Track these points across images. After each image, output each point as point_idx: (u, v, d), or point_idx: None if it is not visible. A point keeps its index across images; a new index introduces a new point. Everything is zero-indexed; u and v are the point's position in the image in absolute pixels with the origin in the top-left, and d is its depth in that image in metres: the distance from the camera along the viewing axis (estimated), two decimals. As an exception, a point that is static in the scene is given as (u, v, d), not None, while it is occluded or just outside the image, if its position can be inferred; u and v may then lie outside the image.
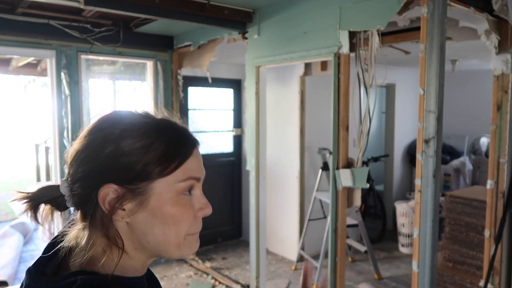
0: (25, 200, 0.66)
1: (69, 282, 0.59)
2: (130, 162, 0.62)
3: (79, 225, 0.68)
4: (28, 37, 3.22)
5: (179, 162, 0.65)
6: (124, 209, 0.63)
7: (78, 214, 0.69)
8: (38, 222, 0.67)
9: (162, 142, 0.64)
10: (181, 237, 0.67)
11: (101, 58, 3.91)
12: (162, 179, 0.64)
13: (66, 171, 0.68)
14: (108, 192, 0.62)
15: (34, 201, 0.66)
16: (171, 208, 0.65)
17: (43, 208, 0.68)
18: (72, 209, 0.70)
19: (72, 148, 0.67)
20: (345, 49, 2.46)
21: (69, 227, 0.71)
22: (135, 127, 0.65)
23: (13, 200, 0.66)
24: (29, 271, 0.65)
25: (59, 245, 0.68)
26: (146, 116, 0.68)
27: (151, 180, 0.63)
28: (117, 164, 0.63)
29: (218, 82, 4.77)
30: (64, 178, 0.68)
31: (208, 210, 0.70)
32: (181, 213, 0.66)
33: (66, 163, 0.68)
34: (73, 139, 0.72)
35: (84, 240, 0.65)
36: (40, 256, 0.69)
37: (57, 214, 0.70)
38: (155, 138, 0.64)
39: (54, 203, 0.68)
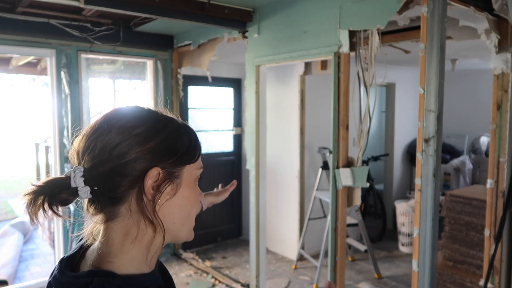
0: (31, 196, 0.64)
1: (86, 282, 0.62)
2: (170, 150, 0.69)
3: (95, 219, 0.70)
4: (28, 36, 3.21)
5: (200, 151, 0.75)
6: (161, 193, 0.69)
7: (92, 208, 0.69)
8: (37, 219, 0.65)
9: (188, 134, 0.74)
10: (193, 220, 0.76)
11: (101, 57, 3.91)
12: (189, 165, 0.73)
13: (82, 161, 0.67)
14: (154, 175, 0.67)
15: (39, 194, 0.64)
16: (192, 192, 0.74)
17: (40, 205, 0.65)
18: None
19: (100, 140, 0.67)
20: (345, 48, 2.46)
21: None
22: (166, 121, 0.72)
23: (25, 195, 0.64)
24: (60, 262, 0.69)
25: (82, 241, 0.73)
26: (160, 112, 0.75)
27: (183, 166, 0.72)
28: (157, 152, 0.68)
29: (218, 81, 4.76)
30: (77, 169, 0.66)
31: (203, 196, 0.83)
32: (196, 197, 0.75)
33: (85, 151, 0.67)
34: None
35: (100, 235, 0.69)
36: (72, 250, 0.73)
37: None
38: (183, 131, 0.73)
39: (57, 198, 0.66)
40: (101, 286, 0.61)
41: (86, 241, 0.72)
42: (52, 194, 0.65)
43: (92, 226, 0.72)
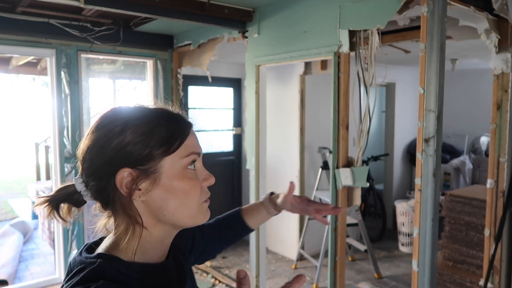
0: (46, 204, 0.75)
1: (91, 261, 0.69)
2: (138, 148, 0.70)
3: (104, 215, 0.78)
4: (28, 36, 3.21)
5: (180, 141, 0.74)
6: (140, 189, 0.71)
7: (98, 206, 0.77)
8: (64, 220, 0.77)
9: (163, 126, 0.73)
10: (194, 207, 0.75)
11: (101, 57, 3.91)
12: (168, 157, 0.72)
13: (79, 169, 0.76)
14: (124, 175, 0.70)
15: (53, 202, 0.75)
16: (180, 182, 0.73)
17: (62, 208, 0.77)
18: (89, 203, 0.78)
19: (81, 146, 0.75)
20: (345, 48, 2.46)
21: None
22: (135, 117, 0.73)
23: (36, 206, 0.75)
24: (83, 246, 0.77)
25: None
26: (142, 107, 0.77)
27: (160, 159, 0.72)
28: (126, 152, 0.70)
29: (218, 81, 4.77)
30: (77, 176, 0.76)
31: (212, 180, 0.79)
32: (190, 185, 0.74)
33: (78, 161, 0.76)
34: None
35: (113, 226, 0.76)
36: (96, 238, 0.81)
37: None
38: (156, 124, 0.73)
39: (71, 201, 0.77)
40: (101, 267, 0.67)
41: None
42: (64, 199, 0.76)
43: (105, 220, 0.79)
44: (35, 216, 5.62)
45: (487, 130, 3.30)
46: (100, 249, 0.74)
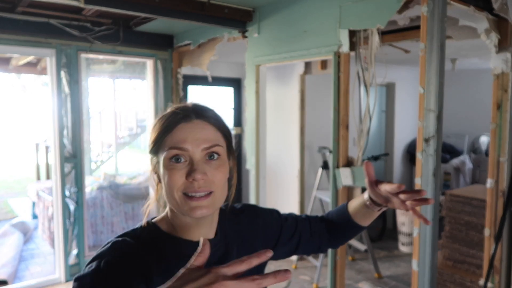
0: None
1: (141, 223, 0.88)
2: (150, 141, 0.87)
3: None
4: (28, 36, 3.21)
5: (161, 136, 0.84)
6: (157, 174, 0.87)
7: None
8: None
9: (158, 124, 0.86)
10: (175, 199, 0.82)
11: (101, 57, 3.91)
12: (161, 151, 0.84)
13: None
14: (151, 161, 0.88)
15: None
16: (164, 172, 0.83)
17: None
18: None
19: None
20: (345, 48, 2.46)
21: None
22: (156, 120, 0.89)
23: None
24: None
25: None
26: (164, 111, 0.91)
27: (158, 152, 0.85)
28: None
29: (218, 81, 4.77)
30: None
31: (194, 175, 0.80)
32: (170, 175, 0.82)
33: None
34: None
35: None
36: None
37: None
38: (156, 123, 0.87)
39: None
40: (138, 229, 0.86)
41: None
42: None
43: None
44: (35, 216, 5.62)
45: (487, 130, 3.30)
46: (155, 218, 0.90)
